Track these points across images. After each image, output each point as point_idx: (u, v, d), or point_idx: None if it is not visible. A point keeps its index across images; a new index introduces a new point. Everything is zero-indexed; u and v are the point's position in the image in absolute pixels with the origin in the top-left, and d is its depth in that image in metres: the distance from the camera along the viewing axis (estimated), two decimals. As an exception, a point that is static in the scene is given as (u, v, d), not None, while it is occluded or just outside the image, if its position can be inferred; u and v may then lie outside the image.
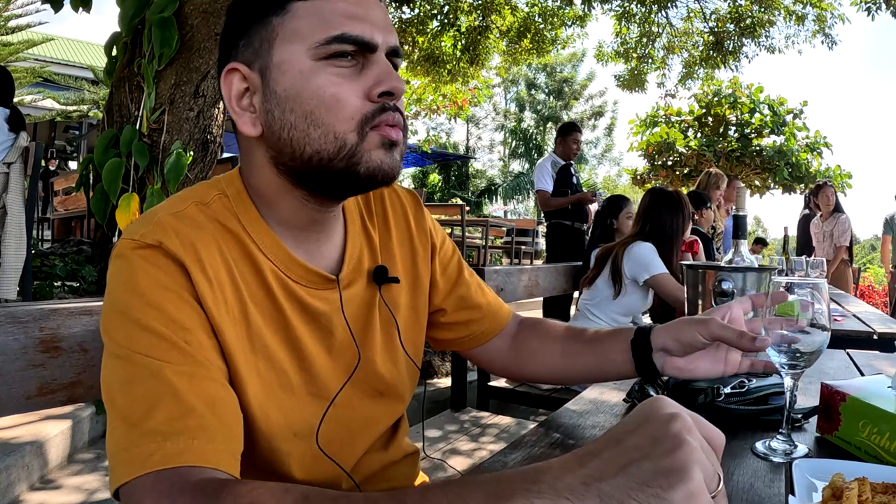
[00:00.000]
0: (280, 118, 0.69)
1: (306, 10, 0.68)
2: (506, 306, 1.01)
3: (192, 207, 0.71)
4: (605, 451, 0.42)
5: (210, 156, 3.81)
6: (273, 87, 0.69)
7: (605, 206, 3.63)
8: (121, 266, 0.66)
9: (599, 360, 0.91)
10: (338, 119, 0.68)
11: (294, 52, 0.68)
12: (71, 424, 2.48)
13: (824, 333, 0.77)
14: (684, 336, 0.81)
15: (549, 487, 0.41)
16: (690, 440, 0.41)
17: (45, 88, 12.73)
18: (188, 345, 0.63)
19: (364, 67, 0.69)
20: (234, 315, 0.69)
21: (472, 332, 0.97)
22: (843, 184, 11.81)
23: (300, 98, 0.68)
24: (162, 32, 3.39)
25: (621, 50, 9.41)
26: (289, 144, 0.69)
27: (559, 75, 28.61)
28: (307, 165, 0.70)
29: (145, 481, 0.54)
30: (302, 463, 0.76)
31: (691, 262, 1.31)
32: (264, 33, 0.69)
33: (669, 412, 0.43)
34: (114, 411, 0.60)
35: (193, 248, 0.67)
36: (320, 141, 0.68)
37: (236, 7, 0.73)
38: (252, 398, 0.69)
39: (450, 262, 0.96)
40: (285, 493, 0.50)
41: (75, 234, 7.79)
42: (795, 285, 0.78)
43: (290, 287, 0.74)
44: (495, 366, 1.02)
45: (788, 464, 0.75)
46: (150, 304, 0.63)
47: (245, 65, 0.71)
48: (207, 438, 0.57)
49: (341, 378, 0.79)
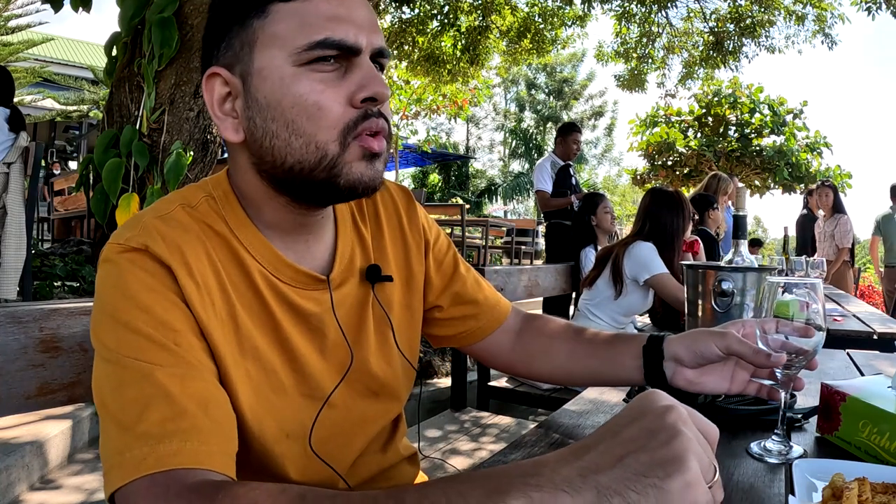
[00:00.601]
0: (262, 126, 0.68)
1: (287, 13, 0.66)
2: (505, 300, 1.00)
3: (178, 210, 0.71)
4: (602, 444, 0.43)
5: (210, 156, 3.81)
6: (254, 94, 0.67)
7: (583, 205, 3.66)
8: (108, 270, 0.66)
9: (608, 364, 0.91)
10: (319, 128, 0.66)
11: (275, 58, 0.66)
12: (71, 424, 2.48)
13: (820, 333, 0.77)
14: (700, 347, 0.80)
15: (547, 480, 0.41)
16: (686, 431, 0.41)
17: (45, 88, 12.73)
18: (178, 346, 0.62)
19: (347, 71, 0.67)
20: (223, 317, 0.69)
21: (469, 328, 0.96)
22: (843, 184, 11.81)
23: (281, 106, 0.66)
24: (162, 32, 3.40)
25: (621, 50, 9.41)
26: (270, 153, 0.68)
27: (559, 75, 28.61)
28: (289, 174, 0.69)
29: (140, 485, 0.54)
30: (296, 465, 0.75)
31: (691, 262, 1.31)
32: (244, 36, 0.68)
33: (664, 404, 0.44)
34: (106, 415, 0.59)
35: (180, 251, 0.66)
36: (301, 151, 0.67)
37: (217, 7, 0.71)
38: (243, 401, 0.69)
39: (444, 257, 0.95)
40: (281, 494, 0.50)
41: (75, 234, 7.79)
42: (793, 285, 0.77)
43: (279, 288, 0.73)
44: (497, 361, 1.01)
45: (788, 464, 0.75)
46: (139, 306, 0.63)
47: (226, 69, 0.69)
48: (201, 440, 0.57)
49: (334, 378, 0.78)
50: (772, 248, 19.22)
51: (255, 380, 0.71)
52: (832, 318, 2.36)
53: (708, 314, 1.14)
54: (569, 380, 0.97)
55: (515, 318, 1.01)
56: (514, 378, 2.64)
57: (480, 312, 0.96)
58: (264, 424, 0.71)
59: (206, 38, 0.73)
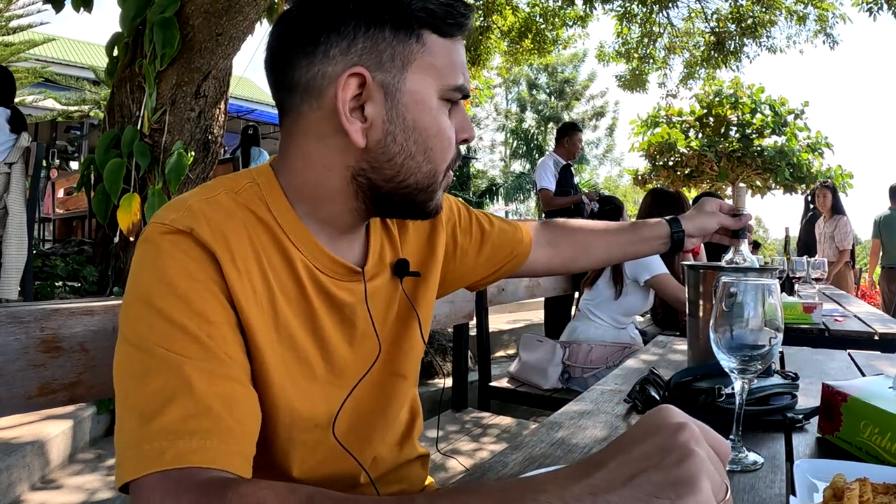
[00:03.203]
0: (402, 144, 0.71)
1: (441, 48, 0.71)
2: (523, 225, 1.09)
3: (222, 195, 0.71)
4: (612, 461, 0.42)
5: (211, 156, 3.81)
6: (403, 113, 0.70)
7: (609, 210, 3.61)
8: (148, 250, 0.65)
9: (640, 247, 1.15)
10: (444, 159, 0.75)
11: (428, 86, 0.71)
12: (72, 424, 2.48)
13: (779, 334, 0.74)
14: (706, 226, 1.13)
15: (556, 498, 0.40)
16: (698, 451, 0.40)
17: (46, 89, 12.73)
18: (211, 339, 0.62)
19: (451, 112, 0.75)
20: (262, 305, 0.69)
21: (507, 266, 1.06)
22: (844, 184, 11.80)
23: (427, 133, 0.72)
24: (163, 32, 3.40)
25: (622, 50, 9.40)
26: (397, 169, 0.72)
27: (560, 75, 28.59)
28: (397, 190, 0.73)
29: (153, 478, 0.54)
30: (320, 455, 0.76)
31: (692, 263, 1.31)
32: (399, 50, 0.69)
33: (677, 422, 0.43)
34: (126, 403, 0.59)
35: (224, 237, 0.66)
36: (424, 174, 0.73)
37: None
38: (277, 388, 0.69)
39: (471, 226, 1.00)
40: (291, 494, 0.50)
41: (76, 234, 7.79)
42: (747, 285, 0.75)
43: (317, 278, 0.75)
44: (539, 272, 1.14)
45: (790, 464, 0.75)
46: (176, 294, 0.62)
47: (368, 71, 0.69)
48: (221, 440, 0.57)
49: (361, 369, 0.80)
50: (773, 249, 19.18)
51: (291, 368, 0.72)
52: (833, 319, 2.35)
53: (708, 314, 1.14)
54: (606, 264, 1.27)
55: (541, 234, 1.11)
56: (515, 378, 2.64)
57: (513, 250, 1.05)
58: (296, 412, 0.72)
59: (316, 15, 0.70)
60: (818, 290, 3.41)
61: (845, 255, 6.08)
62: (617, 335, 2.76)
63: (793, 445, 0.85)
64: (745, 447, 0.79)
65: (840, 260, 6.06)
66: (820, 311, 2.23)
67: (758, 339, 0.74)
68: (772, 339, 0.74)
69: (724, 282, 0.75)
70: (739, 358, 0.75)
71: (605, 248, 1.14)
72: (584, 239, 1.14)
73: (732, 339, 0.74)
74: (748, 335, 0.74)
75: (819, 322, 2.20)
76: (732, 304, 0.75)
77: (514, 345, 5.15)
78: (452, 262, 0.97)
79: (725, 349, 0.75)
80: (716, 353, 0.76)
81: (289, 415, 0.71)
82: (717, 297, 0.76)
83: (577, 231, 1.15)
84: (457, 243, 0.97)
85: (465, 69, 0.75)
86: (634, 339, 2.81)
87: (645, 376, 1.07)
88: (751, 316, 0.74)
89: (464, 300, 1.97)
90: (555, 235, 1.13)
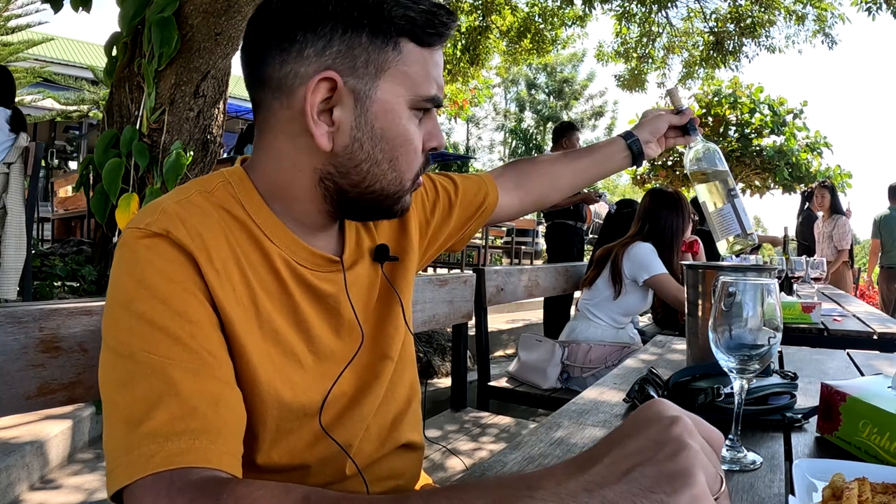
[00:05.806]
0: (369, 151, 0.71)
1: (417, 57, 0.71)
2: (486, 176, 1.10)
3: (196, 195, 0.71)
4: (607, 456, 0.42)
5: (210, 156, 3.81)
6: (371, 121, 0.70)
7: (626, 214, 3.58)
8: (125, 255, 0.65)
9: (603, 166, 1.17)
10: (410, 168, 0.75)
11: (399, 96, 0.71)
12: (71, 424, 2.48)
13: (777, 334, 0.74)
14: (657, 129, 1.15)
15: (552, 494, 0.40)
16: (692, 444, 0.41)
17: (45, 88, 12.72)
18: (193, 339, 0.62)
19: (422, 120, 0.75)
20: (244, 302, 0.69)
21: (479, 220, 1.07)
22: (843, 184, 11.80)
23: (394, 142, 0.72)
24: (162, 32, 3.40)
25: (621, 50, 9.40)
26: (362, 175, 0.72)
27: (559, 75, 28.58)
28: (362, 194, 0.74)
29: (145, 482, 0.53)
30: (309, 445, 0.76)
31: (691, 263, 1.31)
32: (373, 56, 0.69)
33: (670, 415, 0.43)
34: (113, 410, 0.59)
35: (200, 237, 0.66)
36: (389, 181, 0.74)
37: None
38: (265, 385, 0.70)
39: (437, 198, 1.00)
40: (286, 494, 0.49)
41: (75, 234, 7.79)
42: (746, 285, 0.74)
43: (297, 270, 0.75)
44: (513, 216, 1.15)
45: (789, 464, 0.75)
46: (156, 296, 0.62)
47: (340, 75, 0.68)
48: (210, 439, 0.57)
49: (347, 357, 0.80)
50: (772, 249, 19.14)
51: (277, 362, 0.72)
52: (832, 318, 2.36)
53: (707, 314, 1.14)
54: (574, 191, 1.21)
55: (506, 179, 1.12)
56: (514, 378, 2.64)
57: (480, 203, 1.06)
58: (285, 406, 0.72)
59: (294, 12, 0.68)
60: (817, 289, 3.41)
61: (844, 255, 6.09)
62: (616, 335, 2.76)
63: (792, 445, 0.85)
64: (744, 447, 0.79)
65: (838, 259, 6.07)
66: (819, 311, 2.23)
67: (757, 339, 0.74)
68: (771, 338, 0.74)
69: (723, 281, 0.75)
70: (738, 357, 0.75)
71: (570, 176, 1.16)
72: (548, 172, 1.15)
73: (731, 339, 0.74)
74: (747, 335, 0.74)
75: (818, 322, 2.21)
76: (731, 304, 0.75)
77: (513, 344, 5.15)
78: (426, 237, 0.99)
79: (724, 349, 0.75)
80: (715, 353, 0.76)
81: (277, 408, 0.71)
82: (715, 297, 0.76)
83: (540, 166, 1.16)
84: (428, 220, 0.99)
85: (441, 78, 0.75)
86: (633, 338, 2.81)
87: (644, 376, 1.07)
88: (750, 315, 0.74)
89: (463, 300, 1.97)
90: (520, 177, 1.14)
